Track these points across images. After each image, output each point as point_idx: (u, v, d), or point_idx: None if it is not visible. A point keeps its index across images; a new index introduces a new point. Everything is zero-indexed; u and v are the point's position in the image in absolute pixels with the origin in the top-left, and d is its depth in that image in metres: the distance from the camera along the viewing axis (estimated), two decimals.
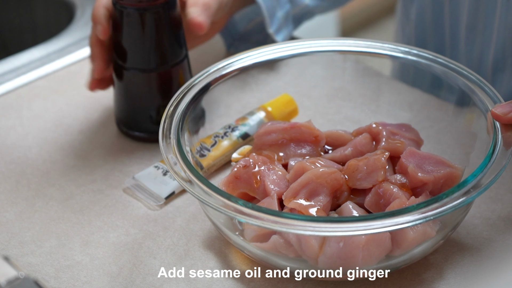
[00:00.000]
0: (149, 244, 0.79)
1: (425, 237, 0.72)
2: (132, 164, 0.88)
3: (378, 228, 0.66)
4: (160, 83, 0.88)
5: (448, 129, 0.84)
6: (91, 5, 1.13)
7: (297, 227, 0.67)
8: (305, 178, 0.74)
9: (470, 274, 0.74)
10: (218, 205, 0.69)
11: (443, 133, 0.84)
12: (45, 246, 0.79)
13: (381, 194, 0.74)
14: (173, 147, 0.74)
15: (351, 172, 0.75)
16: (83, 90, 0.99)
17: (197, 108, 0.81)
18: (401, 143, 0.79)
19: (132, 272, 0.76)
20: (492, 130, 0.74)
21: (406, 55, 0.83)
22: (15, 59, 1.04)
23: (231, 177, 0.77)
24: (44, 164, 0.88)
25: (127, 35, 0.86)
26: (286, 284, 0.74)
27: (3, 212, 0.83)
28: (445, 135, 0.84)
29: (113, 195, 0.84)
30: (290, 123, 0.81)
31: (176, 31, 0.87)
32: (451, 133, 0.83)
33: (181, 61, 0.89)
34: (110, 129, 0.93)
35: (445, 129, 0.84)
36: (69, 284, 0.75)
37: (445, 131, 0.84)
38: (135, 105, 0.90)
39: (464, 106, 0.81)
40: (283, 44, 0.85)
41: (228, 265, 0.76)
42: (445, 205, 0.68)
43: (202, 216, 0.81)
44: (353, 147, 0.79)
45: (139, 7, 0.84)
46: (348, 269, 0.71)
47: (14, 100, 0.98)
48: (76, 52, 1.05)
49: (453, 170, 0.75)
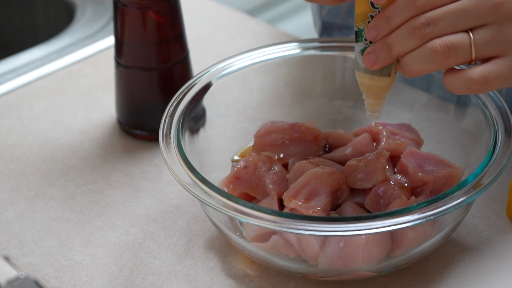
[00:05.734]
0: (149, 244, 0.79)
1: (425, 237, 0.72)
2: (133, 164, 0.88)
3: (378, 228, 0.66)
4: (161, 82, 0.88)
5: (448, 129, 0.84)
6: (91, 5, 1.13)
7: (297, 227, 0.67)
8: (305, 178, 0.74)
9: (471, 274, 0.74)
10: (218, 205, 0.69)
11: (443, 133, 0.84)
12: (45, 246, 0.79)
13: (381, 194, 0.74)
14: (173, 147, 0.74)
15: (351, 172, 0.75)
16: (83, 90, 0.99)
17: (197, 108, 0.81)
18: (401, 143, 0.79)
19: (133, 272, 0.76)
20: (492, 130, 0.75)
21: None
22: (15, 59, 1.03)
23: (231, 177, 0.77)
24: (44, 164, 0.88)
25: (128, 33, 0.86)
26: (286, 284, 0.74)
27: (3, 212, 0.83)
28: (445, 135, 0.84)
29: (113, 195, 0.84)
30: (290, 123, 0.81)
31: (177, 30, 0.87)
32: (451, 133, 0.83)
33: (182, 60, 0.89)
34: (110, 129, 0.93)
35: (445, 129, 0.84)
36: (69, 284, 0.75)
37: (445, 131, 0.84)
38: (136, 103, 0.90)
39: (464, 106, 0.81)
40: (283, 44, 0.85)
41: (228, 265, 0.76)
42: (445, 205, 0.68)
43: (202, 216, 0.81)
44: (353, 147, 0.79)
45: (140, 5, 0.85)
46: (348, 269, 0.71)
47: (14, 100, 0.98)
48: (76, 52, 1.04)
49: (453, 170, 0.75)
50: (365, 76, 0.73)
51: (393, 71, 0.72)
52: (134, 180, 0.86)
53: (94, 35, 1.07)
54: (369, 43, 0.71)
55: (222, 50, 1.05)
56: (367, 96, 0.74)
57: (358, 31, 0.71)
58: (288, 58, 0.86)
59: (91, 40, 1.06)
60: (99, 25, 1.09)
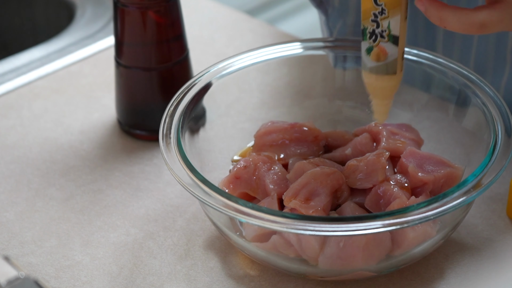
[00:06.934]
0: (149, 244, 0.79)
1: (425, 237, 0.72)
2: (133, 164, 0.88)
3: (378, 228, 0.66)
4: (161, 82, 0.88)
5: (448, 129, 0.84)
6: (91, 5, 1.13)
7: (297, 227, 0.67)
8: (305, 178, 0.74)
9: (471, 273, 0.74)
10: (218, 205, 0.69)
11: (443, 133, 0.84)
12: (46, 246, 0.79)
13: (381, 194, 0.74)
14: (173, 147, 0.74)
15: (351, 172, 0.75)
16: (83, 90, 0.99)
17: (197, 108, 0.81)
18: (401, 143, 0.79)
19: (133, 272, 0.76)
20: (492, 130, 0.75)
21: (407, 55, 0.83)
22: (15, 59, 1.03)
23: (231, 177, 0.77)
24: (44, 164, 0.88)
25: (128, 33, 0.86)
26: (286, 284, 0.74)
27: (3, 212, 0.83)
28: (445, 135, 0.84)
29: (113, 195, 0.84)
30: (290, 123, 0.81)
31: (177, 30, 0.87)
32: (451, 133, 0.83)
33: (182, 60, 0.89)
34: (110, 129, 0.93)
35: (445, 129, 0.84)
36: (69, 284, 0.75)
37: (445, 131, 0.84)
38: (136, 103, 0.90)
39: (464, 106, 0.81)
40: (283, 44, 0.85)
41: (228, 265, 0.76)
42: (445, 205, 0.68)
43: (202, 216, 0.81)
44: (353, 147, 0.79)
45: (140, 5, 0.85)
46: (348, 269, 0.71)
47: (14, 100, 0.98)
48: (76, 52, 1.04)
49: (453, 170, 0.75)
50: (371, 76, 0.72)
51: (398, 69, 0.72)
52: (134, 180, 0.86)
53: (94, 35, 1.07)
54: (372, 42, 0.71)
55: (222, 50, 1.05)
56: (374, 96, 0.74)
57: (363, 29, 0.71)
58: (288, 58, 0.86)
59: (91, 40, 1.06)
60: (99, 25, 1.09)
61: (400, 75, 0.72)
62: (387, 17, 0.69)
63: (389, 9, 0.69)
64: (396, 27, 0.70)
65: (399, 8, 0.69)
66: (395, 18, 0.69)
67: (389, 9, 0.69)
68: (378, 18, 0.70)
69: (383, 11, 0.69)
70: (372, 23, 0.70)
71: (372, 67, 0.71)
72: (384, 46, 0.71)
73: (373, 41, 0.71)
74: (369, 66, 0.71)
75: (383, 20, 0.70)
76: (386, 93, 0.74)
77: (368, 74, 0.73)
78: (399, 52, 0.71)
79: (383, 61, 0.71)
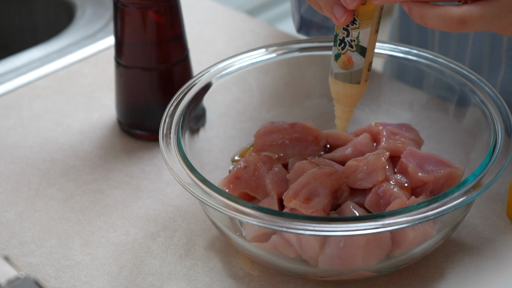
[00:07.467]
0: (149, 244, 0.79)
1: (425, 237, 0.72)
2: (133, 164, 0.88)
3: (378, 228, 0.66)
4: (161, 82, 0.88)
5: (448, 129, 0.84)
6: (91, 5, 1.13)
7: (297, 227, 0.67)
8: (305, 178, 0.74)
9: (471, 273, 0.74)
10: (218, 205, 0.69)
11: (443, 133, 0.84)
12: (45, 246, 0.79)
13: (381, 194, 0.74)
14: (173, 147, 0.74)
15: (351, 172, 0.75)
16: (83, 90, 0.99)
17: (197, 108, 0.81)
18: (401, 143, 0.79)
19: (133, 272, 0.76)
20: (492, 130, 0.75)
21: (406, 55, 0.83)
22: (15, 59, 1.04)
23: (231, 177, 0.77)
24: (44, 164, 0.88)
25: (128, 33, 0.86)
26: (286, 284, 0.74)
27: (3, 212, 0.83)
28: (445, 135, 0.84)
29: (113, 195, 0.84)
30: (290, 123, 0.81)
31: (177, 30, 0.87)
32: (451, 133, 0.83)
33: (182, 60, 0.89)
34: (110, 129, 0.93)
35: (445, 129, 0.84)
36: (69, 284, 0.75)
37: (445, 131, 0.84)
38: (136, 103, 0.90)
39: (464, 106, 0.81)
40: (283, 44, 0.85)
41: (228, 265, 0.76)
42: (445, 205, 0.68)
43: (202, 216, 0.81)
44: (353, 147, 0.79)
45: (140, 5, 0.85)
46: (348, 269, 0.71)
47: (14, 100, 0.98)
48: (76, 52, 1.05)
49: (453, 170, 0.75)
50: (336, 82, 0.74)
51: (363, 79, 0.73)
52: (134, 180, 0.86)
53: (94, 35, 1.07)
54: (341, 50, 0.71)
55: (222, 50, 1.05)
56: (337, 102, 0.75)
57: (335, 35, 0.72)
58: (288, 58, 0.86)
59: (91, 40, 1.06)
60: (99, 25, 1.09)
61: (364, 85, 0.73)
62: (357, 27, 0.70)
63: (360, 21, 0.70)
64: (365, 39, 0.71)
65: (370, 21, 0.70)
66: (365, 30, 0.70)
67: (361, 20, 0.70)
68: (349, 27, 0.70)
69: (354, 21, 0.70)
70: (343, 31, 0.71)
71: (337, 73, 0.73)
72: (351, 55, 0.72)
73: (342, 48, 0.71)
74: (335, 71, 0.73)
75: (353, 30, 0.70)
76: (349, 101, 0.75)
77: (333, 80, 0.74)
78: (365, 63, 0.72)
79: (348, 69, 0.72)
